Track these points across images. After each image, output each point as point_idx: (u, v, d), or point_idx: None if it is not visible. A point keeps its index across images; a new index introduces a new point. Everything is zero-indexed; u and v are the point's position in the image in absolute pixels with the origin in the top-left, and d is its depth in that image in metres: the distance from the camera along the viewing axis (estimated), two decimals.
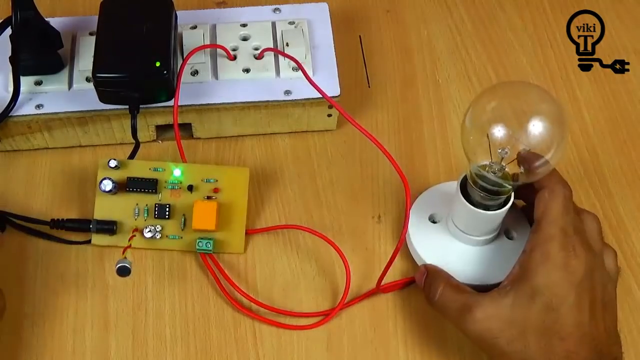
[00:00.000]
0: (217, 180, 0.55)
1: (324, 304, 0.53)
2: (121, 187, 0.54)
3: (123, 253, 0.51)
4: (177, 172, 0.54)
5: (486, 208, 0.49)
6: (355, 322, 0.53)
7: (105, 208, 0.54)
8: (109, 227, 0.53)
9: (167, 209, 0.54)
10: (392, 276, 0.53)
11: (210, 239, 0.53)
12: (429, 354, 0.51)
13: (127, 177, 0.54)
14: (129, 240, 0.53)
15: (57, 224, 0.54)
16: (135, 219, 0.54)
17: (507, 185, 0.47)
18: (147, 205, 0.54)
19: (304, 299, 0.53)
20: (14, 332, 0.51)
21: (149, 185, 0.54)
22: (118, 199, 0.54)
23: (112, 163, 0.53)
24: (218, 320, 0.52)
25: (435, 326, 0.52)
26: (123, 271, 0.50)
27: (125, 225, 0.54)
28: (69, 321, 0.52)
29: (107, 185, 0.53)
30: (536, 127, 0.45)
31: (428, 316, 0.53)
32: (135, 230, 0.53)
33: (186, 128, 0.58)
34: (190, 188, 0.54)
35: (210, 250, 0.53)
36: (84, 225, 0.54)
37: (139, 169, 0.54)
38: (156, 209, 0.54)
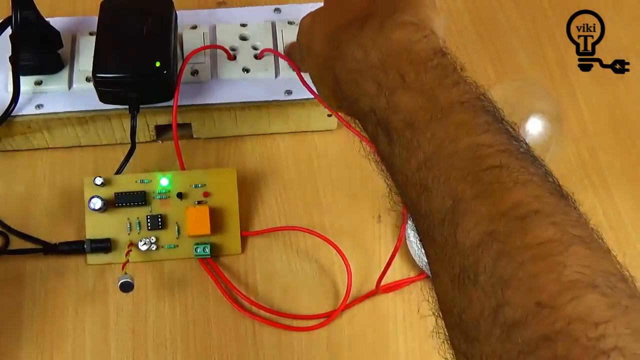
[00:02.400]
0: (205, 185, 0.54)
1: (324, 304, 0.53)
2: (110, 203, 0.53)
3: (123, 269, 0.51)
4: (164, 182, 0.54)
5: None
6: (355, 322, 0.52)
7: (97, 226, 0.53)
8: (104, 245, 0.53)
9: (160, 220, 0.53)
10: (392, 276, 0.53)
11: (206, 243, 0.53)
12: (429, 354, 0.51)
13: (115, 193, 0.53)
14: (125, 256, 0.52)
15: (50, 248, 0.53)
16: (129, 234, 0.53)
17: None
18: (138, 218, 0.53)
19: (304, 299, 0.53)
20: (14, 331, 0.51)
21: (138, 198, 0.53)
22: (108, 215, 0.53)
23: (98, 180, 0.53)
24: (219, 322, 0.52)
25: (436, 326, 0.52)
26: (126, 287, 0.50)
27: (119, 241, 0.53)
28: (69, 320, 0.52)
29: (97, 203, 0.52)
30: (534, 125, 0.45)
31: (428, 316, 0.52)
32: (131, 244, 0.53)
33: (186, 128, 0.58)
34: (180, 195, 0.54)
35: (208, 255, 0.53)
36: (78, 247, 0.53)
37: (126, 182, 0.54)
38: (148, 220, 0.53)
